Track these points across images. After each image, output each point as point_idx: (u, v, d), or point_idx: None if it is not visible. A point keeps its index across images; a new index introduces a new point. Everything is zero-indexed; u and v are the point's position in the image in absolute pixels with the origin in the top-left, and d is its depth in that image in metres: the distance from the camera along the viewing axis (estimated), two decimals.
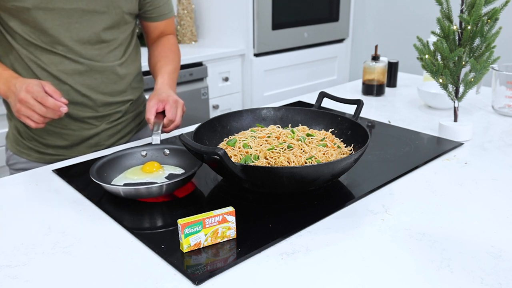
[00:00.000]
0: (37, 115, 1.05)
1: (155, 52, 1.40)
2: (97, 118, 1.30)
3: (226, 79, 2.72)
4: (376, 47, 1.76)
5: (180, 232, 0.78)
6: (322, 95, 1.26)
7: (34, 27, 1.16)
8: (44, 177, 1.10)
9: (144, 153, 1.11)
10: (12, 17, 1.16)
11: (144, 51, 1.45)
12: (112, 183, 1.01)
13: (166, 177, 1.04)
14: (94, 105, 1.28)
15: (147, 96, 1.41)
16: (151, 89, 1.32)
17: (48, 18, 1.15)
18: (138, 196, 0.95)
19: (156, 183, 0.99)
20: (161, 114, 1.19)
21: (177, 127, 1.22)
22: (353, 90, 1.84)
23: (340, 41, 3.23)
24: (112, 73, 1.28)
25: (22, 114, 1.06)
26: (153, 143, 1.14)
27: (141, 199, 0.97)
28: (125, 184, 1.01)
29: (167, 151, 1.12)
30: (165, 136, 1.35)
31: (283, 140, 1.05)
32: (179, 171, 1.07)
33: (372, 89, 1.75)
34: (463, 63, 1.22)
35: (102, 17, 1.22)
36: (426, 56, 1.26)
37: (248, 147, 1.03)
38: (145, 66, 1.45)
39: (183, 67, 2.48)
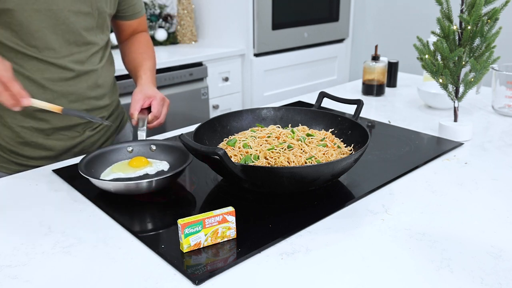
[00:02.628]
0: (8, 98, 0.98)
1: (131, 48, 1.39)
2: (81, 125, 1.26)
3: (226, 79, 2.72)
4: (376, 47, 1.76)
5: (180, 232, 0.78)
6: (322, 95, 1.26)
7: (18, 30, 1.11)
8: (44, 177, 1.10)
9: (130, 148, 1.11)
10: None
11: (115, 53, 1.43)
12: (100, 178, 1.01)
13: (155, 173, 1.04)
14: (80, 110, 1.23)
15: (121, 100, 1.46)
16: (124, 94, 1.31)
17: (33, 20, 1.11)
18: (128, 192, 0.96)
19: (146, 178, 1.00)
20: (145, 109, 1.20)
21: (160, 125, 1.22)
22: (353, 90, 1.84)
23: (340, 41, 3.23)
24: (95, 78, 1.25)
25: None
26: (139, 138, 1.14)
27: (132, 195, 0.97)
28: (114, 179, 1.01)
29: (153, 147, 1.12)
30: (161, 137, 1.35)
31: (283, 140, 1.05)
32: (167, 166, 1.08)
33: (372, 89, 1.75)
34: (463, 63, 1.22)
35: (87, 18, 1.19)
36: (426, 56, 1.26)
37: (248, 147, 1.03)
38: (117, 71, 1.43)
39: (183, 67, 2.48)
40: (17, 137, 1.20)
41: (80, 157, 1.21)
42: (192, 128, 1.41)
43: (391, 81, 1.86)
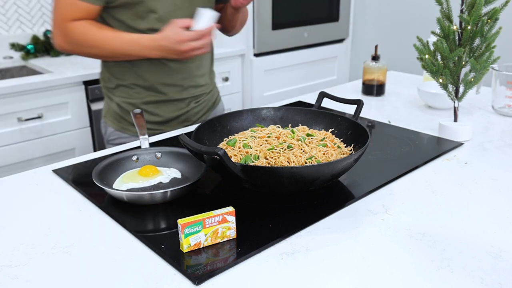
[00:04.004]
0: (202, 47, 1.26)
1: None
2: (188, 98, 1.46)
3: (226, 79, 2.72)
4: (376, 47, 1.76)
5: (180, 232, 0.78)
6: (322, 95, 1.26)
7: (145, 17, 1.31)
8: (44, 177, 1.10)
9: (135, 158, 1.10)
10: (125, 13, 1.30)
11: None
12: (113, 187, 1.01)
13: (169, 181, 1.03)
14: (189, 87, 1.45)
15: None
16: None
17: (158, 6, 1.30)
18: (141, 202, 0.95)
19: (160, 188, 1.00)
20: (142, 118, 1.20)
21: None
22: (353, 90, 1.84)
23: (340, 41, 3.23)
24: (201, 59, 1.45)
25: (188, 55, 1.27)
26: (142, 147, 1.14)
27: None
28: (128, 189, 1.00)
29: (158, 154, 1.11)
30: (157, 138, 1.36)
31: (283, 140, 1.05)
32: (178, 174, 1.07)
33: (372, 89, 1.75)
34: (463, 63, 1.22)
35: (199, 0, 1.37)
36: (426, 56, 1.25)
37: (248, 147, 1.03)
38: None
39: None
40: (139, 106, 1.41)
41: (89, 156, 1.22)
42: (192, 128, 1.41)
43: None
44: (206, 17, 1.25)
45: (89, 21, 1.29)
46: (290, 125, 1.21)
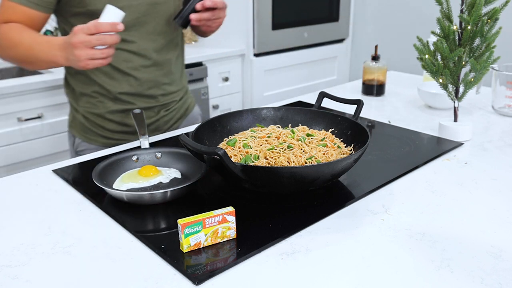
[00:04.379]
0: (99, 51, 1.06)
1: None
2: (157, 106, 1.41)
3: (226, 79, 2.72)
4: (376, 47, 1.76)
5: (180, 232, 0.78)
6: (322, 95, 1.26)
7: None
8: (44, 177, 1.10)
9: (135, 158, 1.10)
10: (84, 21, 1.19)
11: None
12: (113, 187, 1.01)
13: (169, 181, 1.03)
14: (157, 95, 1.39)
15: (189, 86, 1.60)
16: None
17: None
18: (141, 202, 0.95)
19: (160, 188, 0.99)
20: (142, 118, 1.21)
21: (215, 5, 1.25)
22: (353, 90, 1.84)
23: (340, 41, 3.23)
24: (169, 65, 1.39)
25: (85, 58, 1.07)
26: (142, 147, 1.14)
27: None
28: (128, 189, 0.99)
29: (158, 154, 1.11)
30: (157, 138, 1.36)
31: (283, 140, 1.05)
32: (179, 174, 1.07)
33: (372, 89, 1.75)
34: (463, 63, 1.22)
35: (164, 7, 1.31)
36: (426, 56, 1.25)
37: (248, 147, 1.03)
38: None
39: None
40: (104, 116, 1.36)
41: (89, 156, 1.22)
42: (192, 128, 1.41)
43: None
44: (111, 13, 1.09)
45: (18, 24, 1.21)
46: (290, 125, 1.21)
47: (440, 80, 1.25)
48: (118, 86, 1.33)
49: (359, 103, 1.19)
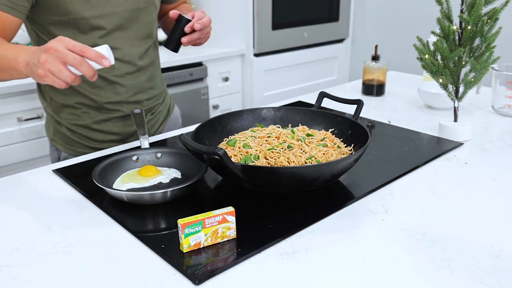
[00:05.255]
0: (67, 71, 0.91)
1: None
2: (144, 111, 1.37)
3: (226, 79, 2.72)
4: (376, 47, 1.76)
5: (180, 232, 0.78)
6: (322, 95, 1.26)
7: (88, 34, 1.21)
8: (44, 177, 1.10)
9: (135, 158, 1.10)
10: (65, 29, 1.18)
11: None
12: (113, 187, 1.01)
13: (169, 181, 1.03)
14: (143, 100, 1.37)
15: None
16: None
17: (104, 23, 1.22)
18: (141, 202, 0.95)
19: (160, 188, 0.99)
20: (142, 118, 1.20)
21: (204, 26, 1.24)
22: (353, 90, 1.84)
23: (340, 41, 3.23)
24: (152, 69, 1.39)
25: (48, 68, 0.91)
26: (142, 147, 1.14)
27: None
28: (128, 189, 0.99)
29: (159, 155, 1.11)
30: (157, 138, 1.35)
31: (283, 140, 1.05)
32: (179, 174, 1.07)
33: (372, 89, 1.75)
34: (463, 63, 1.22)
35: (146, 11, 1.31)
36: (426, 56, 1.25)
37: (248, 147, 1.03)
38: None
39: (183, 67, 2.48)
40: (90, 127, 1.33)
41: (89, 156, 1.22)
42: (192, 128, 1.41)
43: None
44: (103, 50, 0.96)
45: None
46: (290, 125, 1.21)
47: (440, 80, 1.25)
48: (104, 95, 1.30)
49: (359, 103, 1.19)
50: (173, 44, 1.25)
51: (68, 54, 0.91)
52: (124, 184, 1.01)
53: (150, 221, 0.91)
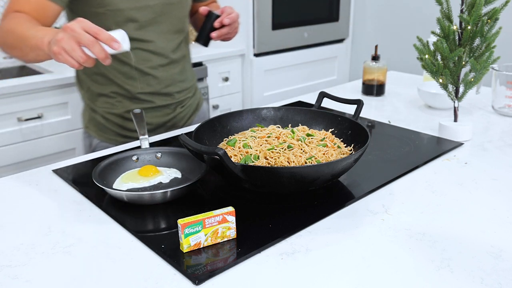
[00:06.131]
0: (80, 51, 0.94)
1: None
2: (173, 104, 1.44)
3: (226, 79, 2.72)
4: (376, 47, 1.76)
5: (180, 232, 0.78)
6: (322, 95, 1.26)
7: (122, 26, 1.23)
8: (44, 177, 1.10)
9: (135, 157, 1.10)
10: (101, 21, 1.20)
11: None
12: (113, 187, 1.01)
13: (169, 181, 1.03)
14: (173, 93, 1.42)
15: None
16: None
17: (139, 16, 1.26)
18: (141, 202, 0.95)
19: (160, 188, 0.99)
20: (142, 118, 1.20)
21: (233, 21, 1.31)
22: (353, 90, 1.84)
23: (340, 41, 3.23)
24: (183, 63, 1.43)
25: (63, 46, 0.94)
26: (142, 147, 1.14)
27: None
28: (128, 189, 0.99)
29: (159, 155, 1.11)
30: (157, 138, 1.36)
31: (283, 140, 1.05)
32: (179, 174, 1.06)
33: (372, 89, 1.75)
34: (463, 63, 1.22)
35: (178, 6, 1.35)
36: (426, 56, 1.25)
37: (248, 147, 1.03)
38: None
39: None
40: (123, 116, 1.37)
41: (89, 156, 1.22)
42: (192, 128, 1.41)
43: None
44: (117, 35, 0.97)
45: (25, 14, 1.15)
46: (290, 125, 1.21)
47: (440, 80, 1.25)
48: (137, 85, 1.35)
49: (359, 103, 1.19)
50: (204, 39, 1.31)
51: (83, 35, 0.94)
52: (124, 184, 1.01)
53: (150, 221, 0.91)
